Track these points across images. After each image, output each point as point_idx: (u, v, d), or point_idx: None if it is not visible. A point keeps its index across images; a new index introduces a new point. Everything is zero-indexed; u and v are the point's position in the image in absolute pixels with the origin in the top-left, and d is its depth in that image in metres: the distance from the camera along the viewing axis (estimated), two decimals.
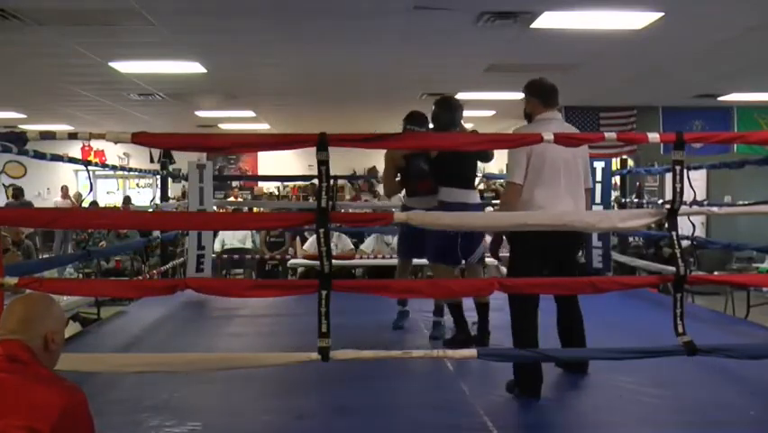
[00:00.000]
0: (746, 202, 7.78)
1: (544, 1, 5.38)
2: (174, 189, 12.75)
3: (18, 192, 12.73)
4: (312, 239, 7.80)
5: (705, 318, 5.26)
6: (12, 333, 1.81)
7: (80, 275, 8.27)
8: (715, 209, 3.90)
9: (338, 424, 3.15)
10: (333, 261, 3.08)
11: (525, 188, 3.52)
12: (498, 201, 7.07)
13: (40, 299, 2.05)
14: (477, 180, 5.12)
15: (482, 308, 4.49)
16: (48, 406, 1.64)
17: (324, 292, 2.98)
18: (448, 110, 4.55)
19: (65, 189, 14.94)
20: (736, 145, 9.28)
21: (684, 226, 3.68)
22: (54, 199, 15.00)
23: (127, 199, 14.45)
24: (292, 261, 8.11)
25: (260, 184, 16.34)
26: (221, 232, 8.59)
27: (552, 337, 4.26)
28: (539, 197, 3.49)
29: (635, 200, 8.39)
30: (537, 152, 3.43)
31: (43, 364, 1.82)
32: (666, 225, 3.28)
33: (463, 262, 4.63)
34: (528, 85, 3.69)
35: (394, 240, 8.10)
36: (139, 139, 3.04)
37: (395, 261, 7.82)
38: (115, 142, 3.25)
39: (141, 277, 7.59)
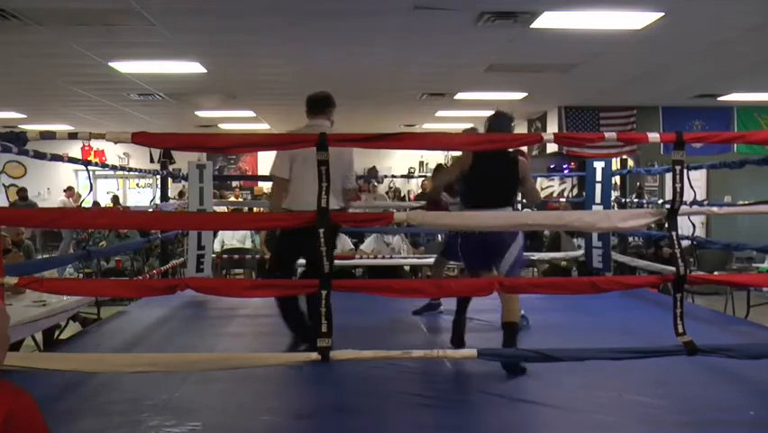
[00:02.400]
0: (746, 202, 7.79)
1: (544, 1, 5.38)
2: (174, 189, 12.76)
3: (23, 193, 12.93)
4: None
5: (705, 318, 5.26)
6: None
7: (80, 275, 8.27)
8: (715, 209, 3.91)
9: (338, 424, 3.15)
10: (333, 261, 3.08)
11: (293, 183, 4.09)
12: None
13: None
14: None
15: (507, 329, 4.01)
16: None
17: (324, 292, 2.98)
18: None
19: (71, 190, 14.88)
20: (735, 145, 9.32)
21: (684, 226, 3.68)
22: (60, 198, 14.94)
23: (115, 199, 14.37)
24: None
25: (260, 184, 16.33)
26: (221, 232, 8.59)
27: (549, 336, 4.26)
28: (305, 192, 3.91)
29: (635, 200, 8.38)
30: (302, 153, 3.89)
31: None
32: (666, 225, 3.29)
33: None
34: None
35: (394, 240, 8.10)
36: (139, 139, 3.04)
37: (395, 261, 7.89)
38: (115, 142, 3.25)
39: (141, 277, 7.59)
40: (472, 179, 4.09)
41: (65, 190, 14.82)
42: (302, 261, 7.33)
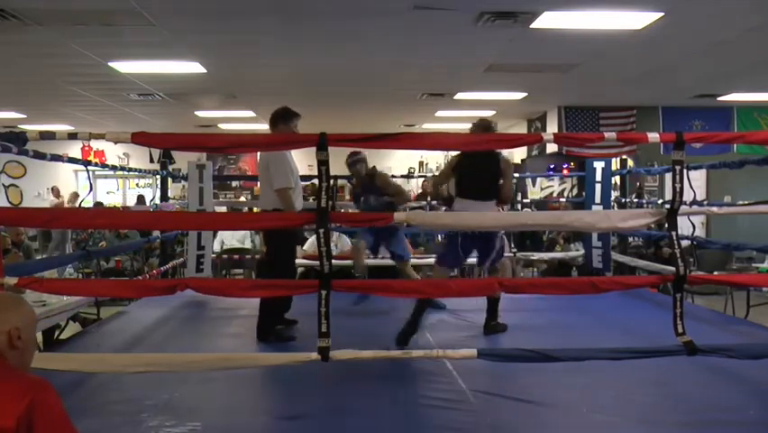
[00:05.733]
0: (746, 202, 7.79)
1: (544, 1, 5.38)
2: (174, 189, 12.75)
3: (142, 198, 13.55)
4: (312, 239, 7.78)
5: (705, 318, 5.26)
6: None
7: (80, 275, 8.27)
8: (715, 209, 3.91)
9: (338, 424, 3.15)
10: (333, 261, 3.08)
11: None
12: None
13: (5, 296, 2.06)
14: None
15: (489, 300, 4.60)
16: (13, 401, 1.63)
17: (324, 292, 2.98)
18: None
19: (57, 190, 14.79)
20: (735, 145, 9.31)
21: (684, 226, 3.68)
22: (50, 199, 14.89)
23: (141, 198, 14.14)
24: None
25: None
26: (220, 232, 8.59)
27: (550, 336, 4.27)
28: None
29: (635, 200, 8.39)
30: None
31: (11, 363, 1.79)
32: (666, 225, 3.29)
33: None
34: None
35: None
36: (139, 139, 3.04)
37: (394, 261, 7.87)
38: (115, 142, 3.26)
39: (141, 277, 7.59)
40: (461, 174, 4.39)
41: (51, 190, 14.70)
42: (301, 261, 7.42)
